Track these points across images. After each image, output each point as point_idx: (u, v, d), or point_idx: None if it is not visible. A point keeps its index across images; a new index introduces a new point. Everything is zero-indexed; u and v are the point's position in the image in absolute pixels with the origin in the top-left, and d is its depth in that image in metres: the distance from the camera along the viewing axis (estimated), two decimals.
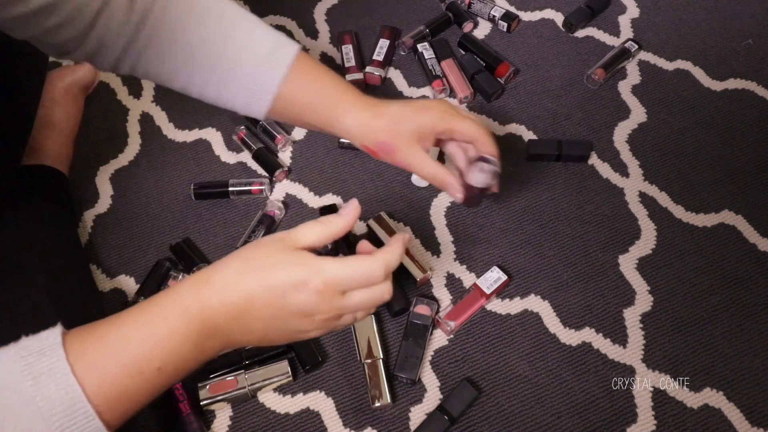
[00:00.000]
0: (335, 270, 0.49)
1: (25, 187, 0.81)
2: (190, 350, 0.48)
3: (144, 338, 0.46)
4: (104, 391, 0.44)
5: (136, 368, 0.46)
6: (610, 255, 0.83)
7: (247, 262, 0.49)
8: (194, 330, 0.47)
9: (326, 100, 0.65)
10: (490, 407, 0.73)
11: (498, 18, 1.04)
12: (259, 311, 0.49)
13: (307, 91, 0.64)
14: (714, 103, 0.96)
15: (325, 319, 0.51)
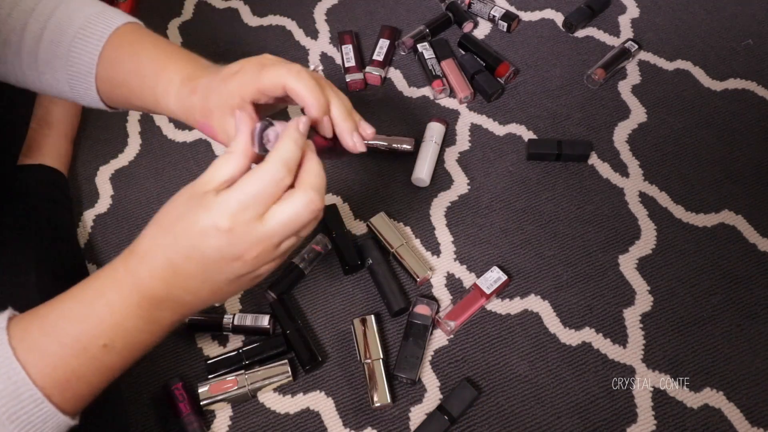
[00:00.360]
0: (231, 198, 0.42)
1: (23, 186, 0.81)
2: (136, 324, 0.45)
3: (84, 316, 0.44)
4: (49, 372, 0.43)
5: (80, 347, 0.44)
6: (610, 255, 0.83)
7: (159, 223, 0.45)
8: (133, 303, 0.45)
9: (145, 80, 0.54)
10: (490, 407, 0.73)
11: (498, 18, 1.04)
12: (185, 269, 0.44)
13: (123, 69, 0.55)
14: (714, 103, 0.96)
15: (256, 255, 0.44)
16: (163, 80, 0.53)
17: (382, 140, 0.91)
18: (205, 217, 0.43)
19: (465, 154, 0.92)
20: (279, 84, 0.50)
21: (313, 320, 0.80)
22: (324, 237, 0.84)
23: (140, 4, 1.12)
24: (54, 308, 0.45)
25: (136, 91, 0.55)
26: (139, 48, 0.55)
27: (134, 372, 0.77)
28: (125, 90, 0.55)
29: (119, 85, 0.55)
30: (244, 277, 0.46)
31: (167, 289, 0.45)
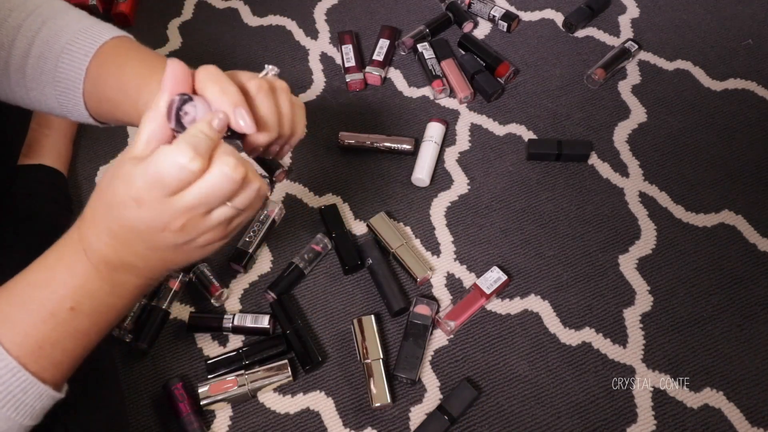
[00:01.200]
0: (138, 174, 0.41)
1: (23, 186, 0.81)
2: (100, 286, 0.45)
3: (47, 280, 0.45)
4: (20, 341, 0.43)
5: (47, 312, 0.44)
6: (610, 255, 0.83)
7: (98, 190, 0.45)
8: (91, 266, 0.45)
9: (129, 94, 0.53)
10: (490, 407, 0.73)
11: (498, 18, 1.04)
12: (123, 237, 0.44)
13: (108, 84, 0.54)
14: (714, 103, 0.96)
15: (181, 226, 0.43)
16: (145, 94, 0.52)
17: (382, 140, 0.91)
18: (122, 189, 0.42)
19: (465, 154, 0.92)
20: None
21: (313, 320, 0.80)
22: (324, 237, 0.84)
23: (140, 4, 1.12)
24: (19, 279, 0.46)
25: (121, 106, 0.54)
26: (123, 63, 0.54)
27: (134, 372, 0.77)
28: (110, 105, 0.55)
29: (105, 101, 0.55)
30: (186, 246, 0.45)
31: (116, 254, 0.45)
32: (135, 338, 0.77)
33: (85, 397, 0.63)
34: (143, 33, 1.08)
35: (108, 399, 0.69)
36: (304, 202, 0.89)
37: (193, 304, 0.82)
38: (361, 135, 0.92)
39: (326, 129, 0.96)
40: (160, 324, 0.79)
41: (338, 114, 0.97)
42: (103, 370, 0.71)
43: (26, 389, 0.44)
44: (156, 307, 0.79)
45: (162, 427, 0.73)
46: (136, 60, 0.54)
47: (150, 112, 0.43)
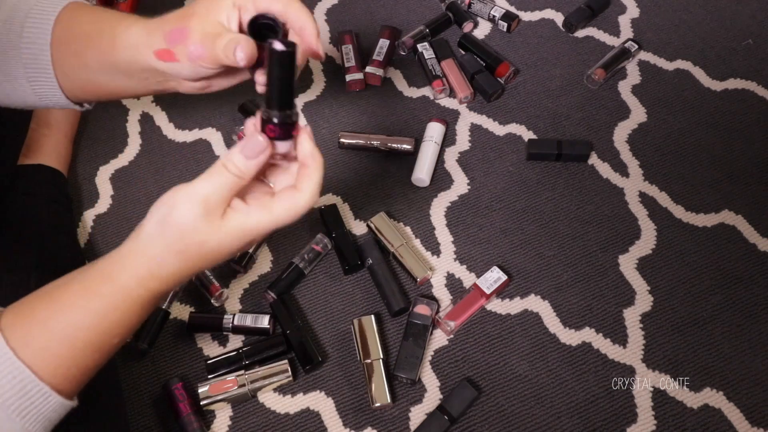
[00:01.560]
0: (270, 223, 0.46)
1: (23, 186, 0.81)
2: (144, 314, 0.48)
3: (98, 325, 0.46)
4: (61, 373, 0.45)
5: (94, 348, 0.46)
6: (610, 255, 0.83)
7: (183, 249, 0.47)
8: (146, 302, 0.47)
9: (104, 22, 0.52)
10: (490, 407, 0.73)
11: (498, 18, 1.04)
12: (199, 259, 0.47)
13: (81, 21, 0.53)
14: (714, 103, 0.96)
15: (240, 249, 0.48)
16: (127, 19, 0.52)
17: (382, 140, 0.91)
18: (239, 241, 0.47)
19: (465, 154, 0.92)
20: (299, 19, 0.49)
21: (313, 320, 0.80)
22: (324, 237, 0.84)
23: (140, 4, 1.12)
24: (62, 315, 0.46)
25: (93, 37, 0.52)
26: (98, 9, 0.54)
27: (134, 372, 0.77)
28: (80, 43, 0.53)
29: (74, 39, 0.53)
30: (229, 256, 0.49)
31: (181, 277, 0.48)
32: (135, 338, 0.77)
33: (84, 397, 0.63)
34: None
35: (107, 399, 0.69)
36: None
37: (193, 304, 0.82)
38: (361, 135, 0.92)
39: (326, 129, 0.96)
40: (160, 324, 0.79)
41: (338, 114, 0.97)
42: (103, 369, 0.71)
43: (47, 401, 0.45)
44: (156, 307, 0.79)
45: (162, 427, 0.73)
46: (107, 10, 0.54)
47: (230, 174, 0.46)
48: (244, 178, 0.45)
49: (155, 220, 0.46)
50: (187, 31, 0.48)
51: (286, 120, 0.44)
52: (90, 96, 0.57)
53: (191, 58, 0.48)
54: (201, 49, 0.48)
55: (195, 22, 0.48)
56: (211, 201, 0.45)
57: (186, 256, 0.46)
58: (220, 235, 0.45)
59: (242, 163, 0.45)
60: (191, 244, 0.45)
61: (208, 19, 0.48)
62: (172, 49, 0.49)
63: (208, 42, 0.47)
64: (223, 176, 0.45)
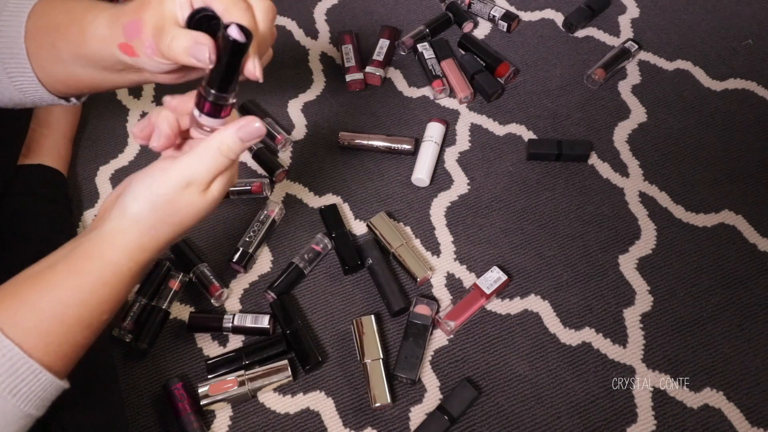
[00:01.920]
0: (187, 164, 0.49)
1: (22, 186, 0.81)
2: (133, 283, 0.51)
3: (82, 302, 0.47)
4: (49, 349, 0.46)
5: (84, 324, 0.47)
6: (610, 255, 0.83)
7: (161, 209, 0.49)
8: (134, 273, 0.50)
9: (76, 12, 0.50)
10: (490, 407, 0.73)
11: (498, 18, 1.04)
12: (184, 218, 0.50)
13: (53, 11, 0.52)
14: (714, 103, 0.96)
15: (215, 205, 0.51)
16: (97, 8, 0.50)
17: (382, 140, 0.91)
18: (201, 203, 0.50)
19: (465, 154, 0.92)
20: None
21: (313, 320, 0.80)
22: (324, 237, 0.84)
23: None
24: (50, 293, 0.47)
25: (63, 27, 0.50)
26: (71, 2, 0.52)
27: (134, 372, 0.77)
28: (52, 34, 0.51)
29: (46, 30, 0.51)
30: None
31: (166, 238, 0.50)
32: (135, 338, 0.77)
33: (82, 397, 0.63)
34: None
35: (106, 399, 0.69)
36: (304, 202, 0.89)
37: (193, 304, 0.82)
38: (361, 135, 0.92)
39: (326, 129, 0.96)
40: (160, 324, 0.79)
41: (338, 114, 0.97)
42: (102, 369, 0.71)
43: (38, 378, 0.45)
44: (156, 307, 0.79)
45: (162, 427, 0.73)
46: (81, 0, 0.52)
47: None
48: (232, 158, 0.48)
49: (145, 199, 0.48)
50: (141, 23, 0.45)
51: (218, 101, 0.47)
52: (71, 90, 0.56)
53: (147, 53, 0.46)
54: (153, 44, 0.45)
55: (148, 13, 0.45)
56: (205, 180, 0.48)
57: (179, 226, 0.50)
58: (207, 201, 0.49)
59: (237, 145, 0.48)
60: (186, 216, 0.49)
61: (160, 10, 0.45)
62: (130, 44, 0.46)
63: (156, 37, 0.45)
64: (216, 159, 0.48)
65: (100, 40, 0.48)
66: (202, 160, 0.48)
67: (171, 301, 0.80)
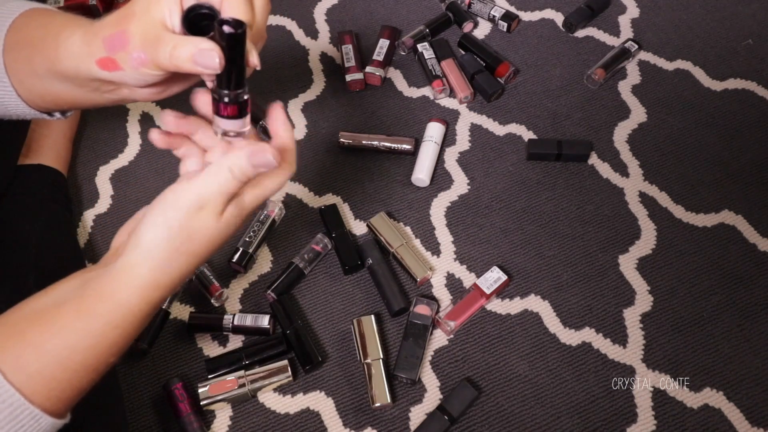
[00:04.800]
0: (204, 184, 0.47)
1: (22, 186, 0.81)
2: (142, 326, 0.49)
3: (94, 347, 0.45)
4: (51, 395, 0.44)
5: (91, 369, 0.46)
6: (610, 255, 0.83)
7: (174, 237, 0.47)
8: (145, 315, 0.48)
9: (50, 28, 0.49)
10: (490, 407, 0.73)
11: (498, 18, 1.04)
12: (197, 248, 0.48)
13: (30, 26, 0.50)
14: (714, 103, 0.96)
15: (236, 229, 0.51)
16: (72, 26, 0.48)
17: (382, 140, 0.91)
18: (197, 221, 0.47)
19: (465, 154, 0.92)
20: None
21: (313, 320, 0.80)
22: (324, 237, 0.84)
23: None
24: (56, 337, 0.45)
25: (38, 43, 0.49)
26: (53, 14, 0.51)
27: (134, 372, 0.77)
28: (28, 49, 0.50)
29: (23, 44, 0.50)
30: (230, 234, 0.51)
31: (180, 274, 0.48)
32: (135, 338, 0.77)
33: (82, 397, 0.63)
34: None
35: (106, 399, 0.69)
36: (304, 202, 0.89)
37: (193, 304, 0.82)
38: (361, 135, 0.92)
39: (326, 129, 0.96)
40: (160, 324, 0.79)
41: (338, 114, 0.97)
42: None
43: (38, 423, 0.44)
44: None
45: (162, 427, 0.73)
46: (62, 15, 0.51)
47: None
48: (243, 180, 0.47)
49: (160, 226, 0.46)
50: (127, 35, 0.44)
51: (238, 99, 0.45)
52: (51, 105, 0.54)
53: (134, 65, 0.44)
54: (144, 55, 0.43)
55: (134, 24, 0.43)
56: (218, 202, 0.47)
57: (194, 256, 0.48)
58: (221, 227, 0.48)
59: (249, 169, 0.46)
60: (201, 242, 0.47)
61: (148, 19, 0.43)
62: (114, 57, 0.44)
63: (149, 47, 0.43)
64: (227, 180, 0.46)
65: (75, 56, 0.47)
66: (214, 180, 0.46)
67: (171, 301, 0.80)
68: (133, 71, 0.45)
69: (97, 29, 0.45)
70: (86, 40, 0.46)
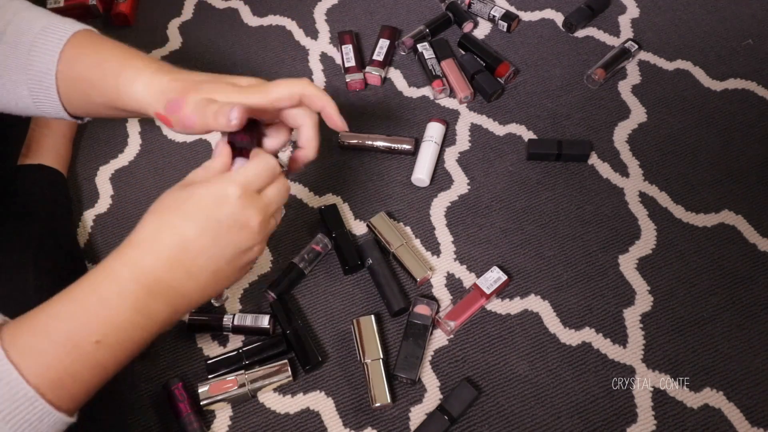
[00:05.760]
0: (243, 172, 0.51)
1: (22, 186, 0.81)
2: (130, 317, 0.46)
3: (74, 312, 0.45)
4: (43, 372, 0.43)
5: (71, 344, 0.44)
6: (610, 255, 0.83)
7: (160, 211, 0.50)
8: (129, 295, 0.46)
9: (107, 70, 0.55)
10: (490, 407, 0.73)
11: (498, 18, 1.04)
12: (196, 244, 0.48)
13: (84, 63, 0.55)
14: (714, 103, 0.96)
15: (260, 221, 0.51)
16: (128, 69, 0.55)
17: (382, 140, 0.91)
18: (217, 187, 0.50)
19: (465, 154, 0.92)
20: (295, 93, 0.56)
21: (313, 320, 0.80)
22: (324, 237, 0.84)
23: (140, 4, 1.12)
24: (45, 309, 0.46)
25: (97, 83, 0.55)
26: (100, 47, 0.56)
27: (134, 372, 0.77)
28: (85, 85, 0.56)
29: (80, 80, 0.55)
30: (244, 253, 0.51)
31: (171, 273, 0.48)
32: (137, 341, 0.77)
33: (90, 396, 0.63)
34: (143, 33, 1.09)
35: (107, 399, 0.69)
36: (304, 202, 0.89)
37: None
38: (361, 135, 0.92)
39: (326, 129, 0.95)
40: None
41: None
42: None
43: (42, 417, 0.44)
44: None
45: (162, 427, 0.73)
46: (111, 45, 0.57)
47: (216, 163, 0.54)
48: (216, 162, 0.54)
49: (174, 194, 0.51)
50: (183, 102, 0.53)
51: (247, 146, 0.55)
52: (92, 116, 0.61)
53: (183, 125, 0.54)
54: (193, 117, 0.52)
55: (192, 96, 0.53)
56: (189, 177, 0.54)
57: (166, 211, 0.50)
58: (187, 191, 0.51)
59: None
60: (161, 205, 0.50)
61: (201, 95, 0.53)
62: (169, 118, 0.54)
63: (200, 110, 0.52)
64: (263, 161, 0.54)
65: (136, 102, 0.55)
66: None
67: None
68: (180, 128, 0.54)
69: (163, 88, 0.54)
70: (150, 94, 0.54)
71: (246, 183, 0.50)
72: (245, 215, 0.50)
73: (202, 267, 0.49)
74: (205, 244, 0.48)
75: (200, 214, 0.48)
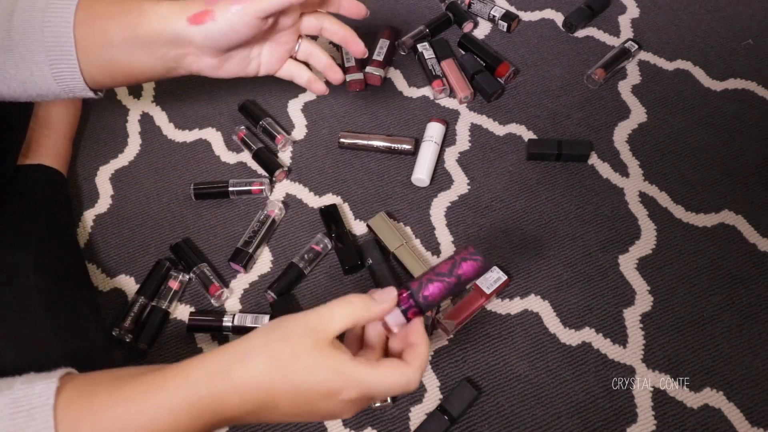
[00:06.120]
0: (372, 384, 0.46)
1: (22, 186, 0.81)
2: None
3: (145, 426, 0.43)
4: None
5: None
6: (610, 255, 0.83)
7: (275, 360, 0.45)
8: (201, 422, 0.44)
9: (130, 5, 0.56)
10: (490, 407, 0.73)
11: (498, 18, 1.04)
12: (281, 410, 0.46)
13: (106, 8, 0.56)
14: (714, 103, 0.96)
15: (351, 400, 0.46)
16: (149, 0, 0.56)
17: (382, 140, 0.91)
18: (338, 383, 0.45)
19: (465, 154, 0.92)
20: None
21: None
22: (324, 237, 0.84)
23: None
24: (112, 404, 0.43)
25: (117, 16, 0.55)
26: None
27: None
28: (104, 21, 0.55)
29: (98, 18, 0.55)
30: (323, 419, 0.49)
31: (244, 416, 0.46)
32: (135, 338, 0.77)
33: None
34: None
35: None
36: (304, 202, 0.89)
37: (193, 304, 0.82)
38: (361, 135, 0.92)
39: (326, 129, 0.96)
40: (160, 324, 0.79)
41: (338, 114, 0.97)
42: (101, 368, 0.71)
43: None
44: (156, 307, 0.79)
45: None
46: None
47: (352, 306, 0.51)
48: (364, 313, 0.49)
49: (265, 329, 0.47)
50: (212, 14, 0.54)
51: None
52: (107, 78, 0.59)
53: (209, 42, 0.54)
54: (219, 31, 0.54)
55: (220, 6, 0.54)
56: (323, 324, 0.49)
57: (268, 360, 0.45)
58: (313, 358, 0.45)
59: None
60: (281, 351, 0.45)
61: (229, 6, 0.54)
62: (212, 8, 0.54)
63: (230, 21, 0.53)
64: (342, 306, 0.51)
65: (162, 17, 0.54)
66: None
67: (171, 301, 0.80)
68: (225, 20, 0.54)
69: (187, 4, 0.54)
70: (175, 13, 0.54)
71: (368, 392, 0.46)
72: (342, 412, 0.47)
73: (271, 420, 0.48)
74: (288, 413, 0.46)
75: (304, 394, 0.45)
